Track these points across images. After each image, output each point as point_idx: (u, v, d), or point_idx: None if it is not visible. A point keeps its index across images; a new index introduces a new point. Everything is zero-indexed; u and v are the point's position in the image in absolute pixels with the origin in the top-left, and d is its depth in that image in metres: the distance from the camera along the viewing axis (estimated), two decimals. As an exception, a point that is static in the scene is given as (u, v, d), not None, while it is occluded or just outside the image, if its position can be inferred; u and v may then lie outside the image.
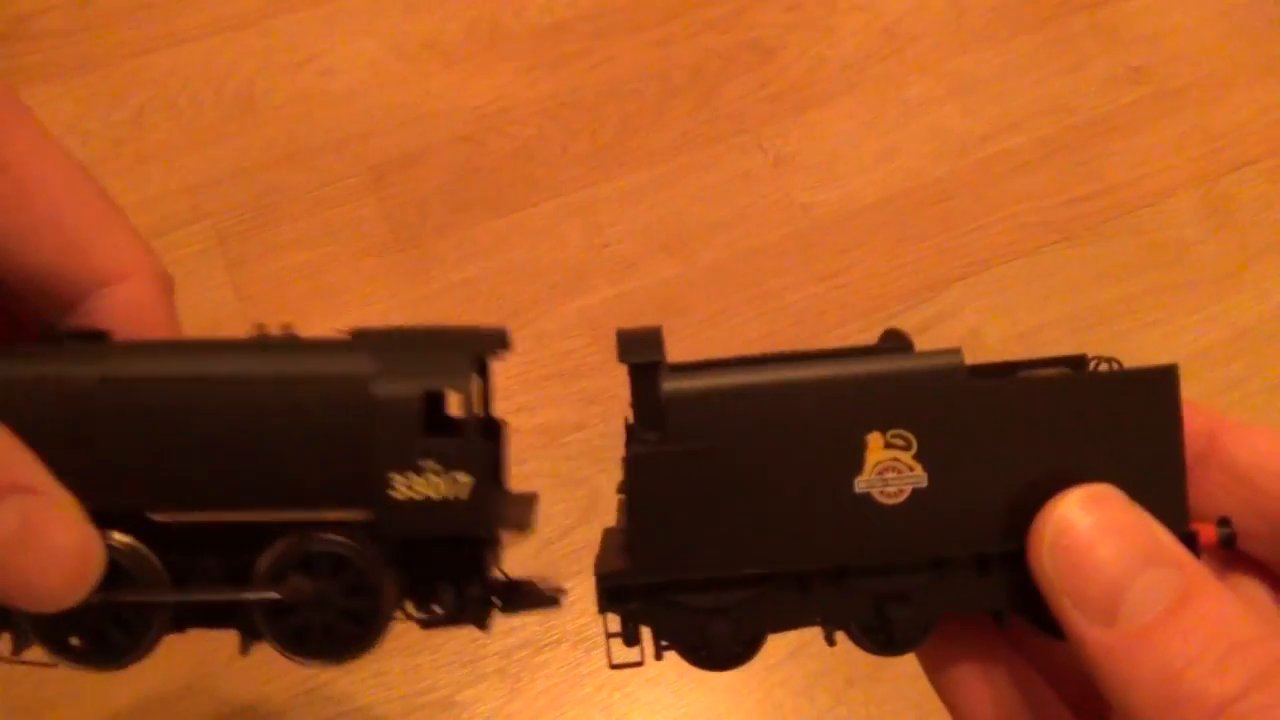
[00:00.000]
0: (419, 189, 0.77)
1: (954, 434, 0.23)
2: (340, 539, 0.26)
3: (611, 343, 0.26)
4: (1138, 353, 0.70)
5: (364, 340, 0.27)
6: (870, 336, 0.73)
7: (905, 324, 0.71)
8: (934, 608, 0.24)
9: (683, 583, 0.25)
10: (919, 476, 0.23)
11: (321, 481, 0.25)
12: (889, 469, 0.23)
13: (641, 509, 0.24)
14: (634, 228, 0.75)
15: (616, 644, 0.25)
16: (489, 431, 0.27)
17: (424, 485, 0.25)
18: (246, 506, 0.25)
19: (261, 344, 0.27)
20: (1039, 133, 0.80)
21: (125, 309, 0.28)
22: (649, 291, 0.72)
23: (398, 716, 0.58)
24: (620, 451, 0.25)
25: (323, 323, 0.71)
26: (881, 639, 0.25)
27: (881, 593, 0.24)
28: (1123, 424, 0.24)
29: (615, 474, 0.25)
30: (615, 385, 0.69)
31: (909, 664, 0.62)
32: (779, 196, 0.77)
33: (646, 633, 0.26)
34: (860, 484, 0.23)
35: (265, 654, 0.28)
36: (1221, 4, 0.87)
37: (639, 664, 0.25)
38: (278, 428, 0.25)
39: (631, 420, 0.25)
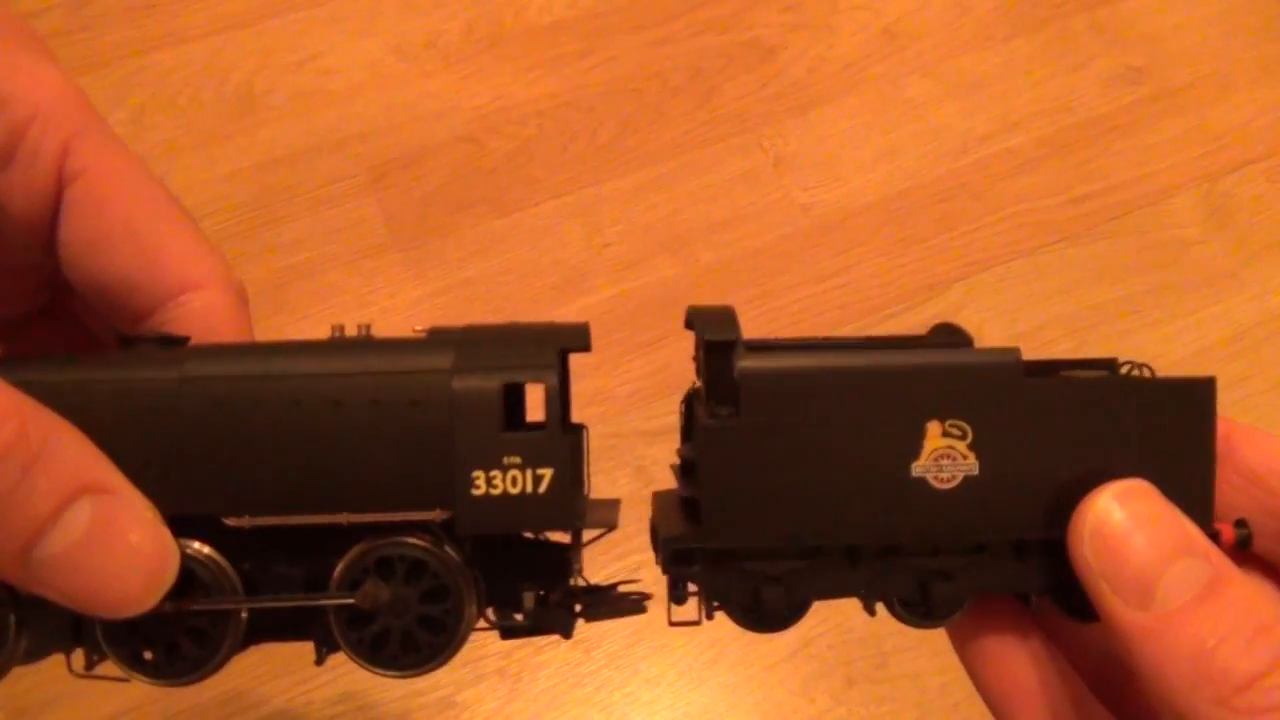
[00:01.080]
0: (419, 189, 0.77)
1: (1007, 427, 0.25)
2: (418, 542, 0.26)
3: (612, 342, 0.26)
4: (1138, 353, 0.70)
5: (441, 336, 0.27)
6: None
7: (905, 324, 0.71)
8: (972, 587, 0.26)
9: (744, 550, 0.25)
10: (971, 465, 0.25)
11: (400, 479, 0.25)
12: (944, 456, 0.25)
13: (711, 478, 0.25)
14: (634, 228, 0.75)
15: (674, 605, 0.27)
16: (569, 429, 0.27)
17: (505, 481, 0.25)
18: (324, 509, 0.25)
19: (339, 343, 0.27)
20: (1039, 133, 0.80)
21: (200, 317, 0.28)
22: (649, 291, 0.72)
23: (398, 716, 0.58)
24: (617, 443, 0.26)
25: (323, 323, 0.71)
26: (920, 611, 0.26)
27: (925, 570, 0.26)
28: (1161, 426, 0.25)
29: (616, 474, 0.25)
30: (615, 385, 0.69)
31: (909, 665, 0.62)
32: (779, 196, 0.77)
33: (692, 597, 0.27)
34: (916, 468, 0.25)
35: (258, 652, 0.28)
36: (1221, 4, 0.87)
37: (696, 623, 0.27)
38: (357, 424, 0.25)
39: (701, 391, 0.26)
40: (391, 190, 0.77)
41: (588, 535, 0.28)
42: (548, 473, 0.25)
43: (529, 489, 0.25)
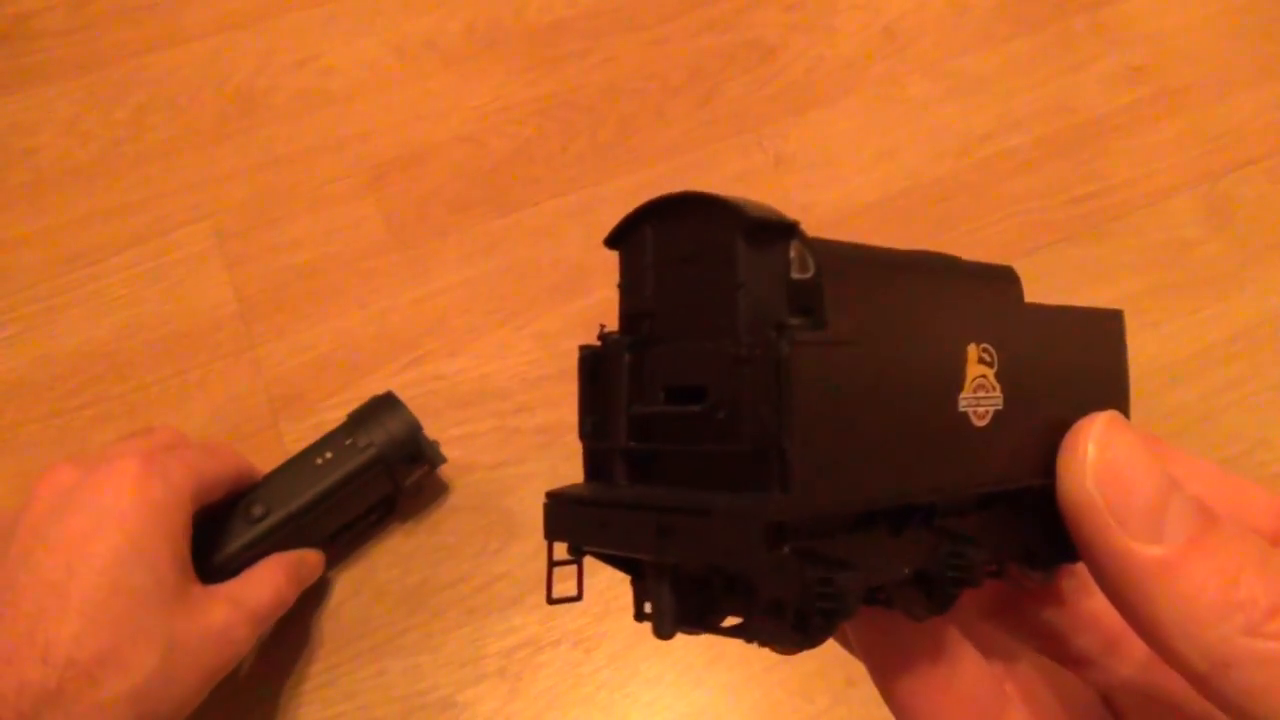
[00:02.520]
0: (419, 189, 0.77)
1: (1020, 354, 0.21)
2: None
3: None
4: (1138, 353, 0.70)
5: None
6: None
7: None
8: (993, 550, 0.21)
9: (836, 519, 0.19)
10: (998, 398, 0.21)
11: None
12: (981, 386, 0.20)
13: (799, 418, 0.17)
14: (634, 228, 0.75)
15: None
16: None
17: None
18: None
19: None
20: (1039, 133, 0.80)
21: None
22: (649, 291, 0.72)
23: (398, 717, 0.58)
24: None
25: (322, 322, 0.71)
26: (956, 582, 0.20)
27: (955, 533, 0.20)
28: (1100, 358, 0.23)
29: None
30: (615, 385, 0.69)
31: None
32: (779, 196, 0.77)
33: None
34: (962, 401, 0.20)
35: (254, 656, 0.28)
36: (1221, 4, 0.87)
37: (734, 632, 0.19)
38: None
39: (741, 310, 0.18)
40: (391, 190, 0.77)
41: None
42: None
43: None
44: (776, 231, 0.18)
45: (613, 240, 0.22)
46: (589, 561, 0.23)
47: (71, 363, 0.70)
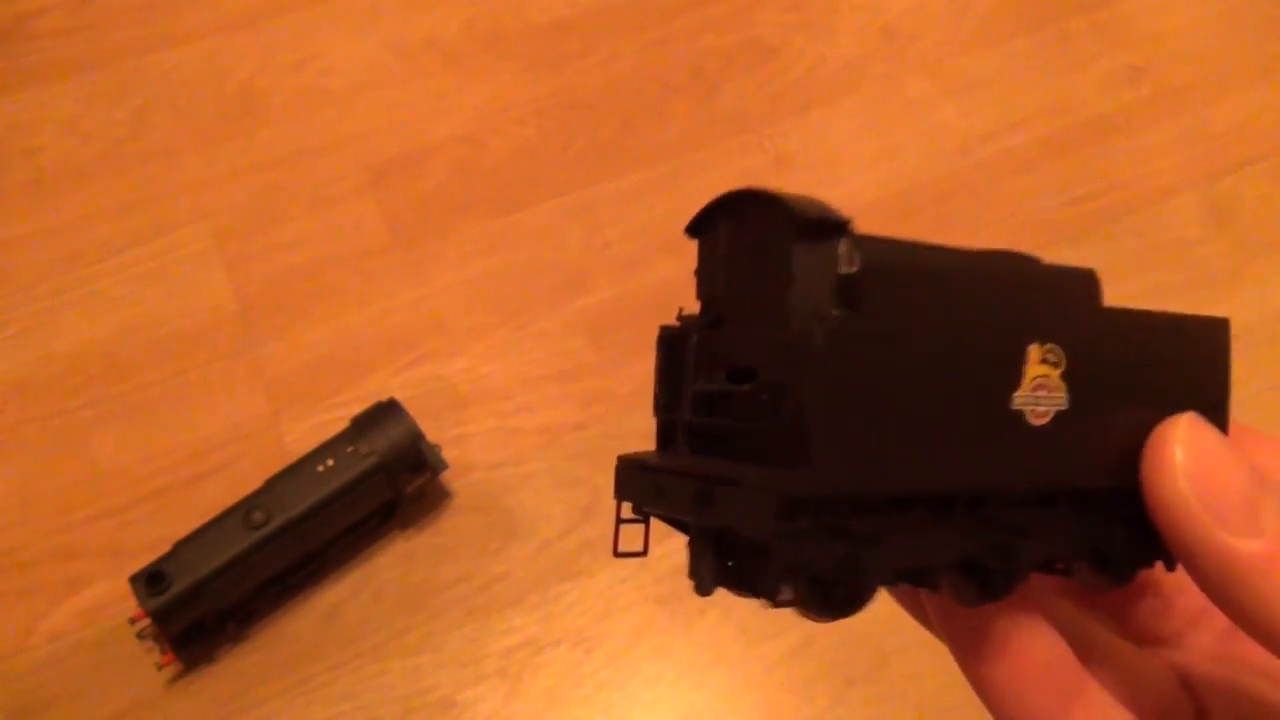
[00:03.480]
0: (419, 189, 0.77)
1: (1091, 355, 0.22)
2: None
3: (612, 342, 0.25)
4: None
5: None
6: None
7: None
8: (1051, 546, 0.23)
9: (857, 499, 0.20)
10: (1062, 399, 0.21)
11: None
12: (1041, 386, 0.21)
13: (822, 400, 0.19)
14: (634, 228, 0.75)
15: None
16: None
17: None
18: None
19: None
20: (1039, 133, 0.80)
21: None
22: (649, 291, 0.72)
23: (398, 716, 0.58)
24: (617, 443, 0.23)
25: (323, 322, 0.71)
26: (1000, 577, 0.21)
27: (1008, 525, 0.21)
28: (1194, 366, 0.24)
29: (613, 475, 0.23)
30: (615, 385, 0.69)
31: (909, 665, 0.62)
32: (779, 196, 0.77)
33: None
34: (1017, 400, 0.21)
35: (257, 651, 0.28)
36: (1221, 4, 0.87)
37: (787, 602, 0.20)
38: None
39: (782, 295, 0.20)
40: (391, 190, 0.77)
41: None
42: None
43: None
44: (828, 228, 0.19)
45: (692, 230, 0.23)
46: (588, 563, 0.25)
47: (71, 363, 0.70)
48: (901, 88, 0.82)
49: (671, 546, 0.67)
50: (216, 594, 0.56)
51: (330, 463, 0.59)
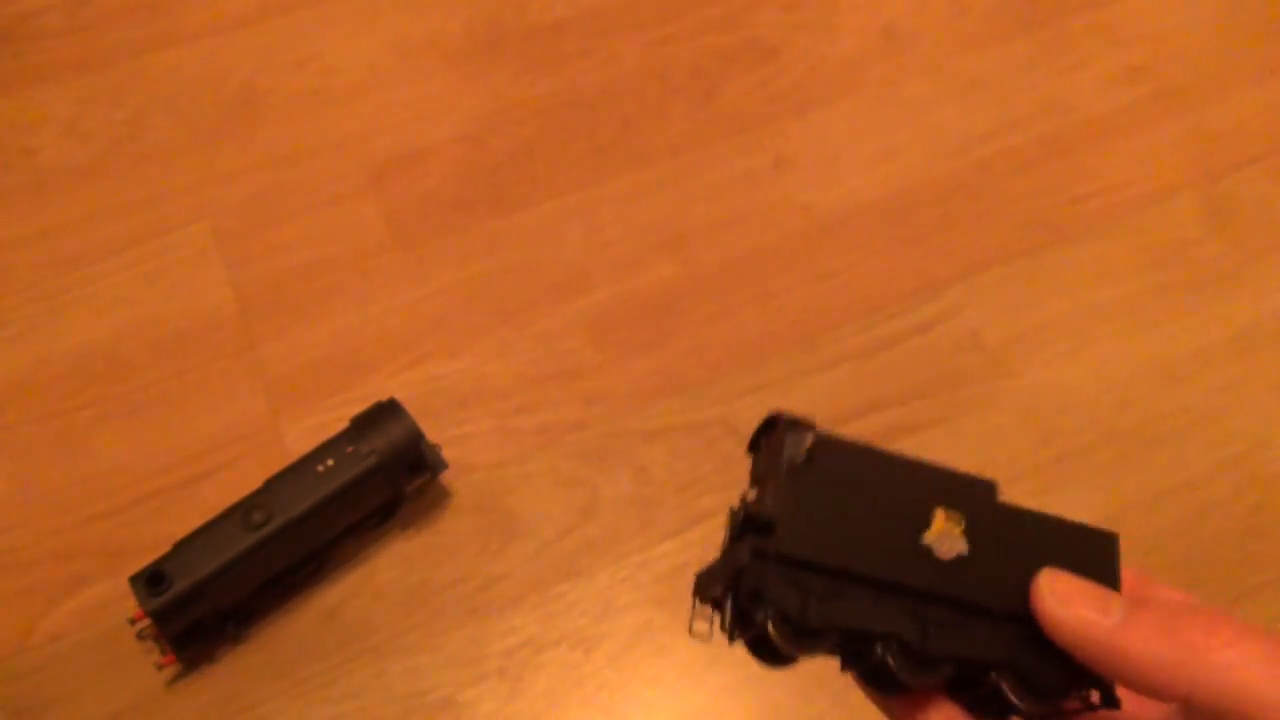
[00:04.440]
0: (419, 189, 0.77)
1: (989, 526, 0.33)
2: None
3: (612, 342, 0.26)
4: (1138, 352, 0.70)
5: None
6: (871, 337, 0.73)
7: (905, 324, 0.71)
8: (959, 643, 0.32)
9: (803, 563, 0.31)
10: (964, 547, 0.32)
11: None
12: (946, 535, 0.32)
13: (787, 502, 0.31)
14: (634, 228, 0.75)
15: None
16: None
17: None
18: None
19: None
20: (1039, 133, 0.80)
21: None
22: (649, 291, 0.72)
23: (398, 716, 0.58)
24: (617, 443, 0.25)
25: (323, 322, 0.71)
26: (914, 660, 0.31)
27: (927, 618, 0.32)
28: (1082, 558, 0.33)
29: (616, 474, 0.26)
30: (615, 385, 0.69)
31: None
32: (779, 196, 0.77)
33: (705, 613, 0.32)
34: (925, 537, 0.32)
35: (257, 652, 0.28)
36: (1221, 4, 0.87)
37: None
38: None
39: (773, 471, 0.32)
40: (391, 190, 0.77)
41: None
42: None
43: None
44: (805, 426, 0.32)
45: (750, 447, 0.34)
46: (588, 563, 0.32)
47: (71, 363, 0.70)
48: (901, 88, 0.82)
49: (671, 547, 0.67)
50: (216, 594, 0.56)
51: (330, 463, 0.58)
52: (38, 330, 0.71)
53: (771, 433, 0.33)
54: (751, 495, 0.33)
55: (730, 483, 0.64)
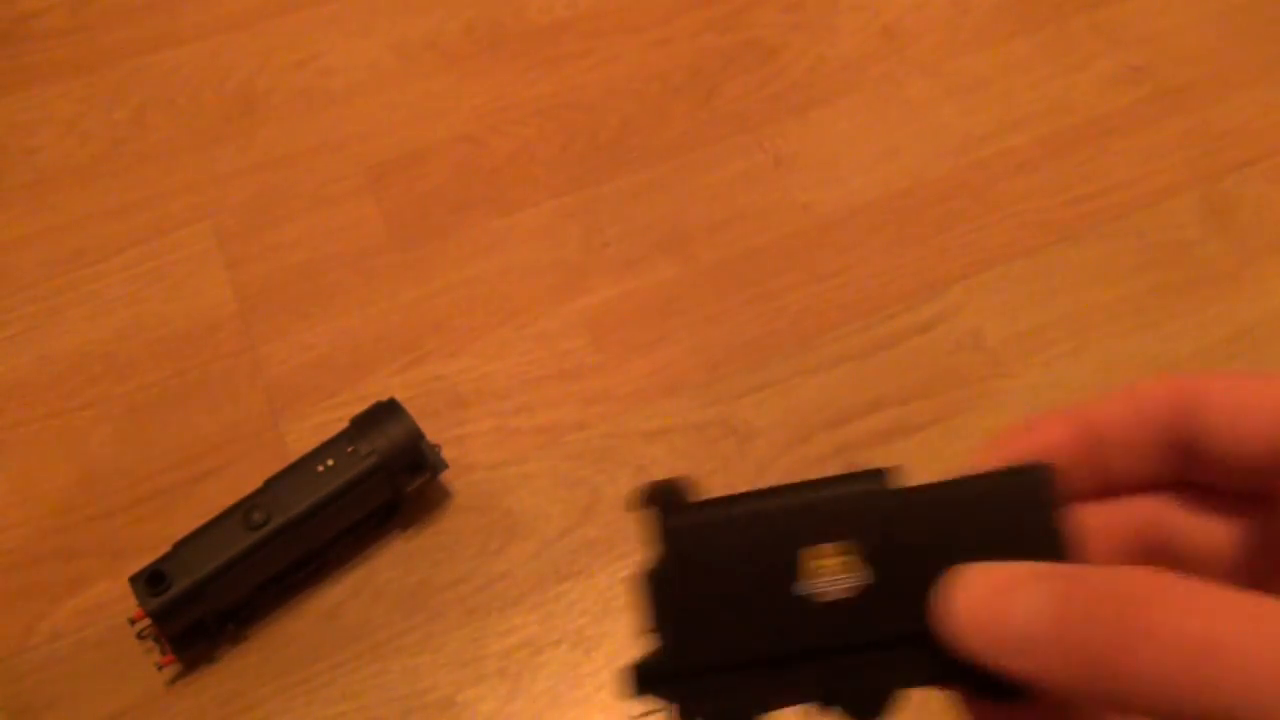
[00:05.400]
0: (419, 189, 0.77)
1: (888, 537, 0.28)
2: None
3: (612, 342, 0.26)
4: (1139, 353, 0.70)
5: None
6: (871, 336, 0.73)
7: (905, 324, 0.71)
8: (891, 679, 0.28)
9: (701, 666, 0.29)
10: (860, 574, 0.28)
11: None
12: (824, 574, 0.28)
13: (661, 611, 0.29)
14: (634, 228, 0.75)
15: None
16: None
17: None
18: None
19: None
20: (1039, 133, 0.80)
21: None
22: (649, 291, 0.72)
23: (398, 716, 0.58)
24: (617, 443, 0.25)
25: (323, 322, 0.71)
26: (865, 710, 0.28)
27: (847, 668, 0.28)
28: (1004, 516, 0.28)
29: (616, 474, 0.26)
30: (615, 385, 0.69)
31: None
32: (779, 196, 0.77)
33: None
34: (800, 588, 0.28)
35: (257, 652, 0.28)
36: (1221, 4, 0.87)
37: None
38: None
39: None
40: (391, 190, 0.77)
41: None
42: None
43: None
44: (661, 511, 0.29)
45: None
46: (588, 563, 0.30)
47: (71, 363, 0.70)
48: (901, 88, 0.82)
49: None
50: (216, 594, 0.56)
51: (330, 463, 0.58)
52: (38, 330, 0.71)
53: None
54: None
55: (730, 483, 0.64)
